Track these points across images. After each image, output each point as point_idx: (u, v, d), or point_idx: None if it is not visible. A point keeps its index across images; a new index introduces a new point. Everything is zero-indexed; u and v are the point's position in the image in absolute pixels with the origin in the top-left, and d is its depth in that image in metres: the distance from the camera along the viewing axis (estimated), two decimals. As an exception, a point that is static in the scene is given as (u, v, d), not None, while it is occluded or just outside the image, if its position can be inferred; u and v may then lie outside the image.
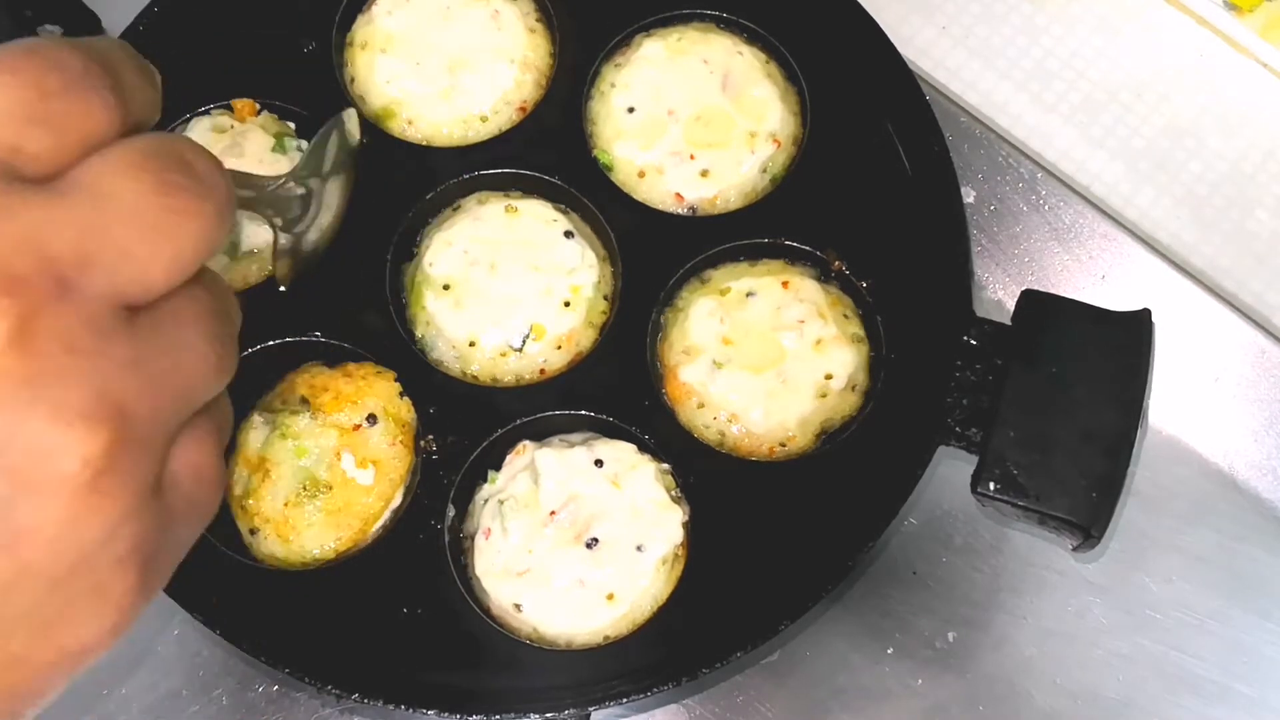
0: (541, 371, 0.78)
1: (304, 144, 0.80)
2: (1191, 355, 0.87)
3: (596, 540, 0.73)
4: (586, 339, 0.79)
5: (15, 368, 0.31)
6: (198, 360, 0.36)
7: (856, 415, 0.77)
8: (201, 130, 0.80)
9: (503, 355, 0.78)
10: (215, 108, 0.81)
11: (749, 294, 0.78)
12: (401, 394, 0.76)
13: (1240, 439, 0.86)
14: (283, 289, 0.66)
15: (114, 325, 0.33)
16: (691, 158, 0.81)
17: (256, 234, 0.79)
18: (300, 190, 0.65)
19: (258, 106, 0.82)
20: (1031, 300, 0.75)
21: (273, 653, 0.70)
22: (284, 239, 0.65)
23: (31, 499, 0.32)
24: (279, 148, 0.79)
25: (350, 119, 0.74)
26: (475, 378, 0.78)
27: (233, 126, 0.80)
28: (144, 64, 0.38)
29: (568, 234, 0.79)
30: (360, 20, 0.85)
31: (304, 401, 0.75)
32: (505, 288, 0.78)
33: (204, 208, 0.35)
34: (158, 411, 0.34)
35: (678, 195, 0.81)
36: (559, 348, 0.78)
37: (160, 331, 0.35)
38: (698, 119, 0.81)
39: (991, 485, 0.71)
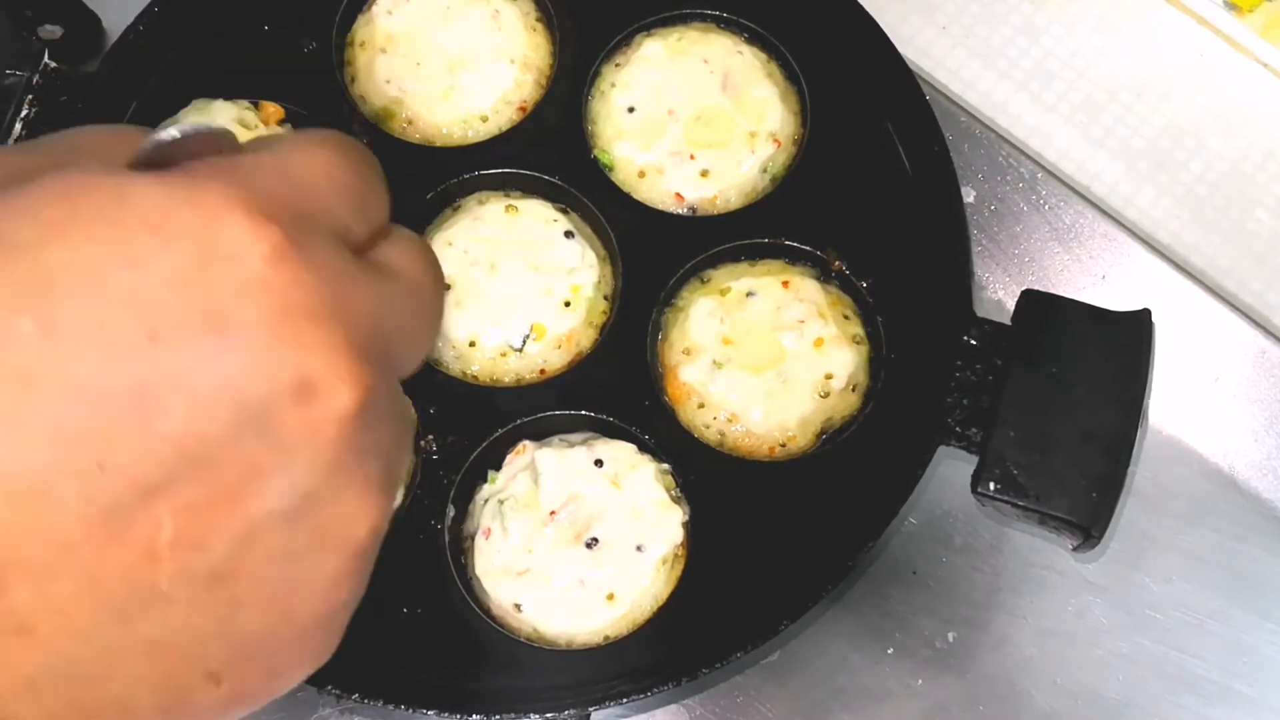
0: (541, 371, 0.78)
1: None
2: (1191, 355, 0.87)
3: (596, 540, 0.73)
4: (587, 339, 0.79)
5: (355, 424, 0.34)
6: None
7: (856, 415, 0.77)
8: (225, 118, 0.79)
9: (503, 355, 0.78)
10: (244, 103, 0.81)
11: (749, 294, 0.78)
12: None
13: (1240, 439, 0.86)
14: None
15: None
16: (691, 158, 0.81)
17: None
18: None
19: (284, 114, 0.81)
20: (1031, 300, 0.75)
21: (273, 653, 0.70)
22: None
23: (322, 556, 0.35)
24: None
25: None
26: (475, 378, 0.78)
27: (257, 127, 0.79)
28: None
29: (568, 234, 0.79)
30: (360, 20, 0.85)
31: (304, 401, 0.75)
32: (505, 288, 0.78)
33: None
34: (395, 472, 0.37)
35: (678, 195, 0.81)
36: (559, 348, 0.78)
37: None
38: (698, 119, 0.81)
39: (991, 485, 0.71)
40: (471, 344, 0.78)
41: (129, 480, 0.30)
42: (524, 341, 0.77)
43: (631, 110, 0.82)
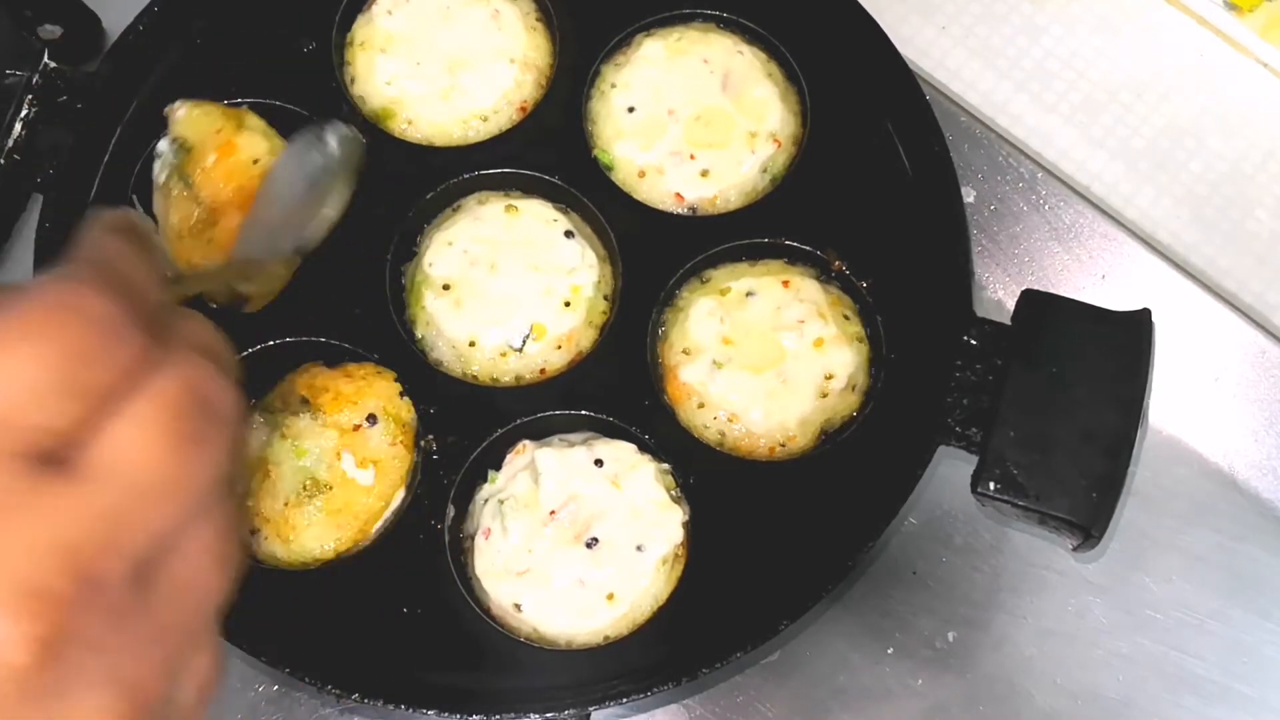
0: (542, 371, 0.78)
1: None
2: (1191, 355, 0.87)
3: (596, 540, 0.73)
4: (587, 339, 0.79)
5: (42, 684, 0.31)
6: (208, 589, 0.36)
7: (856, 415, 0.77)
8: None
9: (503, 355, 0.78)
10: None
11: (749, 294, 0.78)
12: (402, 394, 0.76)
13: (1240, 439, 0.86)
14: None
15: (131, 604, 0.33)
16: (691, 158, 0.81)
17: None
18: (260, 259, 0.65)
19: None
20: (1031, 300, 0.75)
21: (273, 653, 0.70)
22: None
23: None
24: None
25: (331, 135, 0.72)
26: (475, 378, 0.78)
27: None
28: (145, 238, 0.38)
29: (568, 234, 0.79)
30: (360, 20, 0.85)
31: (304, 401, 0.75)
32: (505, 287, 0.78)
33: (222, 437, 0.36)
34: (170, 667, 0.35)
35: (678, 195, 0.81)
36: (559, 348, 0.78)
37: (173, 583, 0.35)
38: (698, 119, 0.81)
39: (991, 485, 0.71)
40: (471, 344, 0.78)
41: None
42: (524, 341, 0.77)
43: (631, 110, 0.82)
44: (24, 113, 0.78)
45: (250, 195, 0.75)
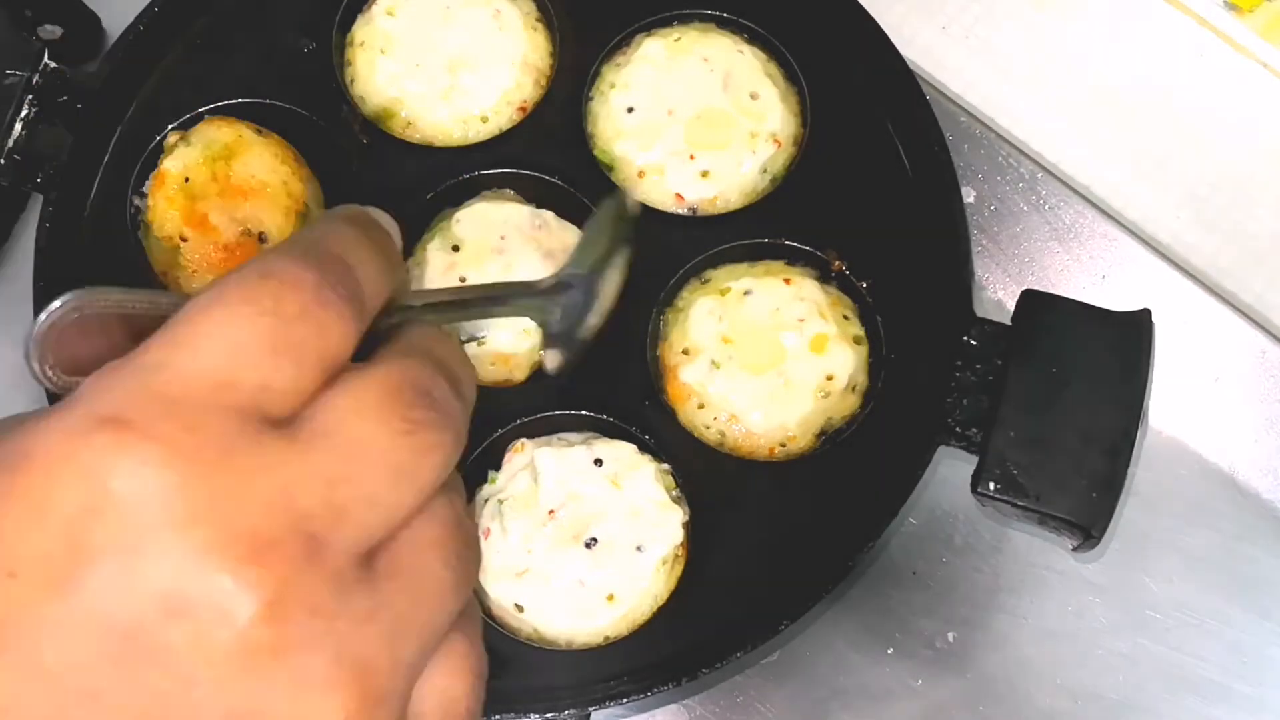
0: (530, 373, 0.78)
1: None
2: (1191, 355, 0.87)
3: (596, 540, 0.73)
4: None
5: (263, 639, 0.30)
6: (437, 586, 0.35)
7: (856, 415, 0.77)
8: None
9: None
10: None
11: (749, 294, 0.78)
12: (401, 394, 0.76)
13: (1240, 439, 0.86)
14: (554, 374, 0.63)
15: (356, 577, 0.32)
16: (691, 158, 0.81)
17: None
18: (570, 286, 0.59)
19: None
20: (1031, 300, 0.75)
21: (273, 653, 0.70)
22: (555, 328, 0.59)
23: None
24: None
25: (625, 197, 0.67)
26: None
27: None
28: (383, 240, 0.38)
29: None
30: (360, 20, 0.85)
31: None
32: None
33: (445, 438, 0.35)
34: (398, 658, 0.33)
35: (678, 195, 0.81)
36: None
37: (400, 569, 0.34)
38: (698, 119, 0.81)
39: (991, 485, 0.71)
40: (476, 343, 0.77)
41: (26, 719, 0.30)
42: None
43: (631, 110, 0.82)
44: (24, 113, 0.78)
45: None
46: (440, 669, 0.36)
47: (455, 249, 0.78)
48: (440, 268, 0.78)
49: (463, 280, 0.77)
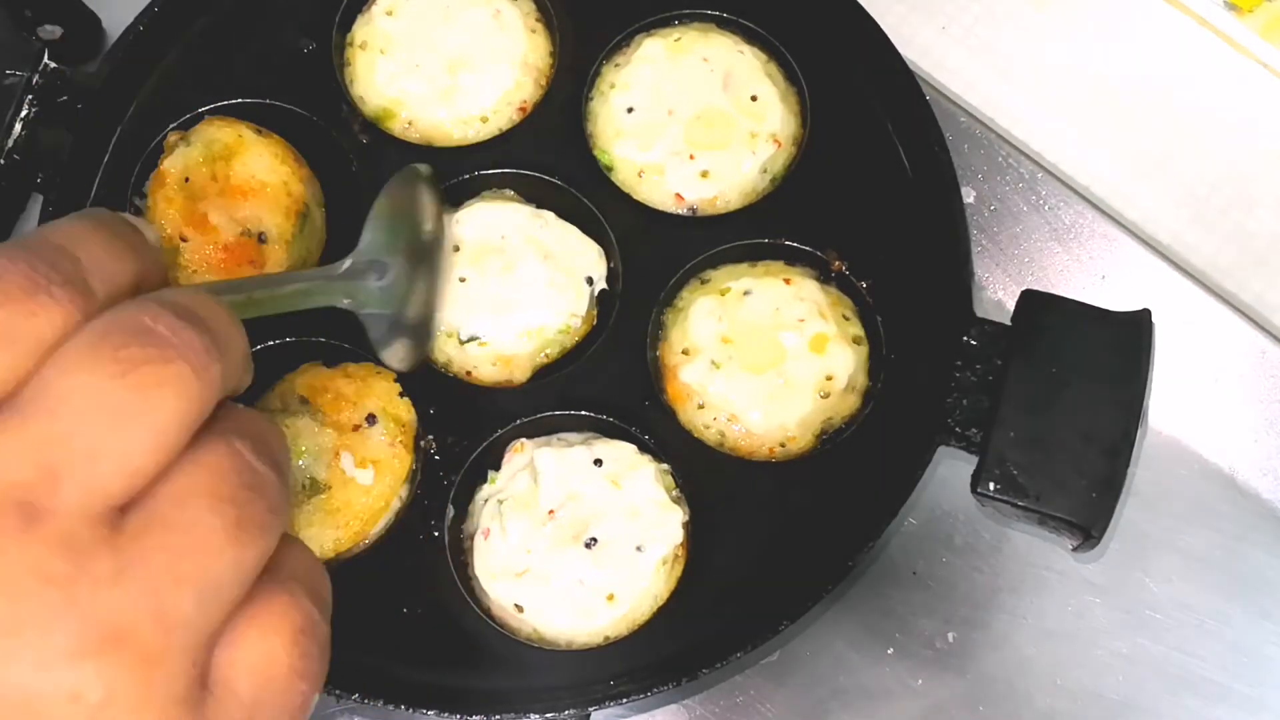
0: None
1: None
2: (1191, 355, 0.87)
3: (595, 540, 0.73)
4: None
5: None
6: (205, 535, 0.33)
7: (856, 415, 0.77)
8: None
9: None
10: None
11: (749, 294, 0.78)
12: (401, 394, 0.76)
13: (1240, 439, 0.86)
14: (402, 368, 0.60)
15: (95, 538, 0.31)
16: (691, 158, 0.81)
17: None
18: (378, 269, 0.58)
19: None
20: (1031, 300, 0.75)
21: (273, 653, 0.70)
22: (380, 323, 0.57)
23: None
24: None
25: (414, 171, 0.66)
26: (469, 376, 0.78)
27: None
28: (121, 230, 0.36)
29: None
30: (360, 20, 0.85)
31: (304, 401, 0.75)
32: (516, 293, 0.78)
33: (174, 371, 0.32)
34: (166, 615, 0.31)
35: (678, 195, 0.81)
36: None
37: (153, 522, 0.32)
38: (698, 119, 0.81)
39: (991, 485, 0.71)
40: (474, 340, 0.78)
41: None
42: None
43: (631, 110, 0.82)
44: (24, 113, 0.78)
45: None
46: (248, 627, 0.34)
47: (456, 249, 0.78)
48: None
49: (462, 280, 0.78)
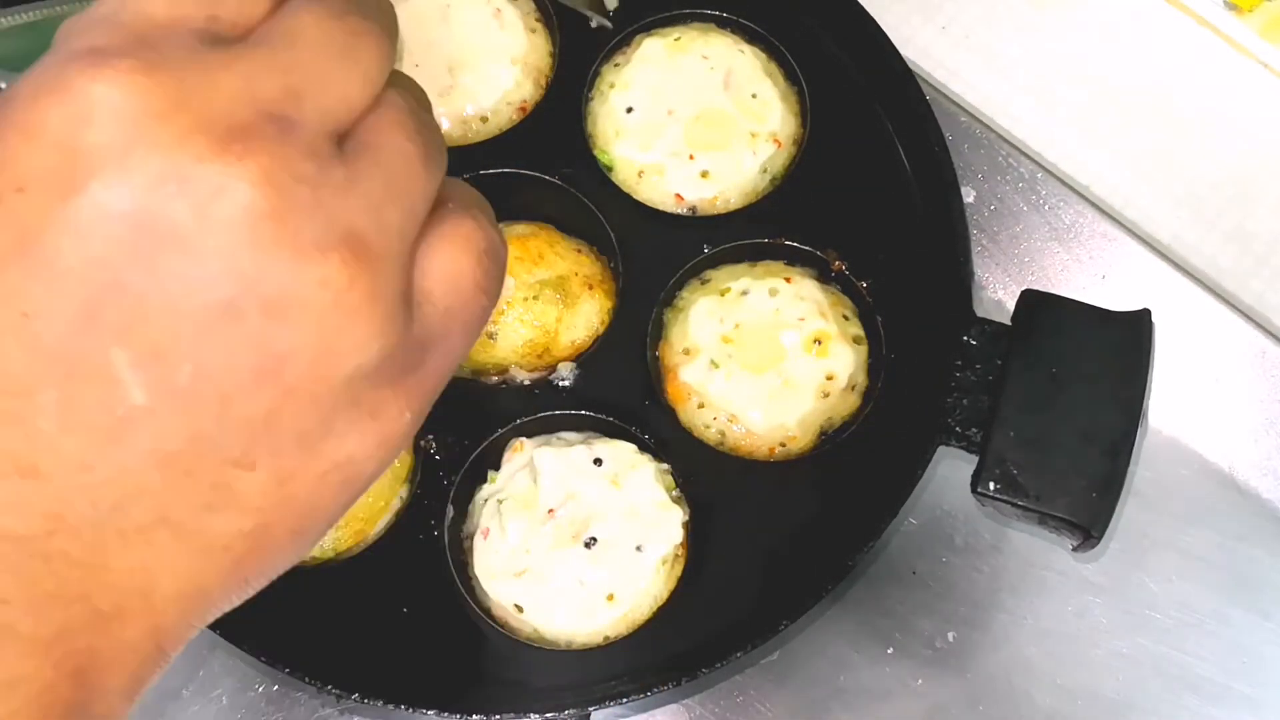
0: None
1: None
2: (1191, 355, 0.87)
3: (595, 540, 0.73)
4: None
5: (262, 206, 0.33)
6: (405, 157, 0.37)
7: (856, 415, 0.77)
8: None
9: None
10: None
11: (749, 294, 0.78)
12: (401, 394, 0.76)
13: (1240, 439, 0.86)
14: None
15: (330, 153, 0.35)
16: (691, 158, 0.81)
17: None
18: None
19: None
20: (1031, 300, 0.75)
21: (273, 653, 0.70)
22: None
23: (285, 327, 0.33)
24: None
25: None
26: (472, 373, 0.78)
27: None
28: None
29: None
30: (360, 20, 0.84)
31: (304, 401, 0.75)
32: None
33: (376, 26, 0.37)
34: (383, 224, 0.35)
35: (678, 195, 0.81)
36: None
37: (367, 146, 0.36)
38: (698, 119, 0.81)
39: (991, 485, 0.71)
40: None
41: (58, 318, 0.32)
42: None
43: (631, 110, 0.82)
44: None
45: None
46: (439, 245, 0.38)
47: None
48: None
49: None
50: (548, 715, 0.70)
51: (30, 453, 0.33)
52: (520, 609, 0.73)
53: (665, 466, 0.75)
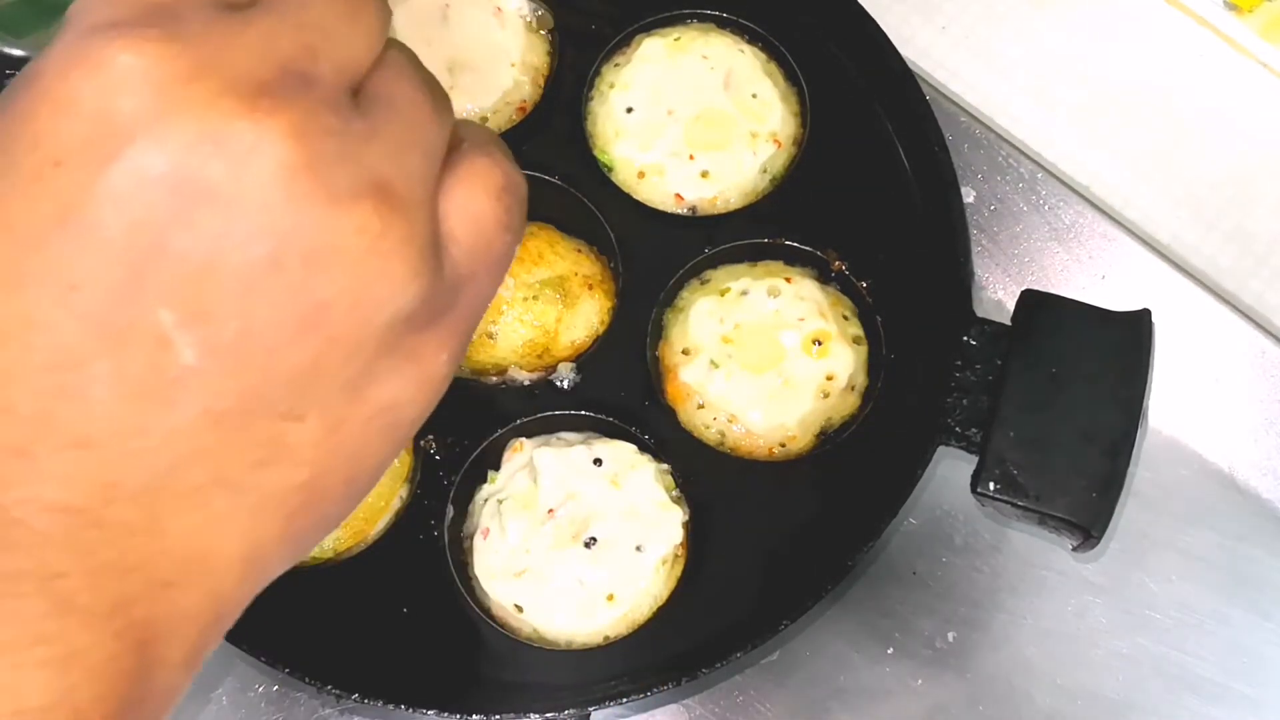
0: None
1: None
2: (1191, 355, 0.87)
3: (595, 540, 0.73)
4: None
5: (295, 159, 0.33)
6: (416, 105, 0.38)
7: (856, 415, 0.77)
8: None
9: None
10: None
11: (749, 294, 0.78)
12: (401, 394, 0.76)
13: (1240, 439, 0.86)
14: None
15: (349, 106, 0.36)
16: (691, 158, 0.81)
17: None
18: None
19: None
20: (1031, 300, 0.75)
21: (273, 653, 0.70)
22: None
23: (325, 276, 0.34)
24: None
25: None
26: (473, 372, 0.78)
27: None
28: None
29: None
30: (360, 20, 0.84)
31: (304, 401, 0.75)
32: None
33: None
34: (407, 170, 0.36)
35: (678, 195, 0.81)
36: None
37: (379, 98, 0.37)
38: (698, 119, 0.81)
39: (991, 485, 0.71)
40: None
41: (105, 287, 0.33)
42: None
43: (631, 110, 0.82)
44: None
45: None
46: (458, 187, 0.39)
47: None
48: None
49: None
50: (548, 715, 0.70)
51: (85, 423, 0.33)
52: (520, 609, 0.73)
53: (665, 467, 0.75)
